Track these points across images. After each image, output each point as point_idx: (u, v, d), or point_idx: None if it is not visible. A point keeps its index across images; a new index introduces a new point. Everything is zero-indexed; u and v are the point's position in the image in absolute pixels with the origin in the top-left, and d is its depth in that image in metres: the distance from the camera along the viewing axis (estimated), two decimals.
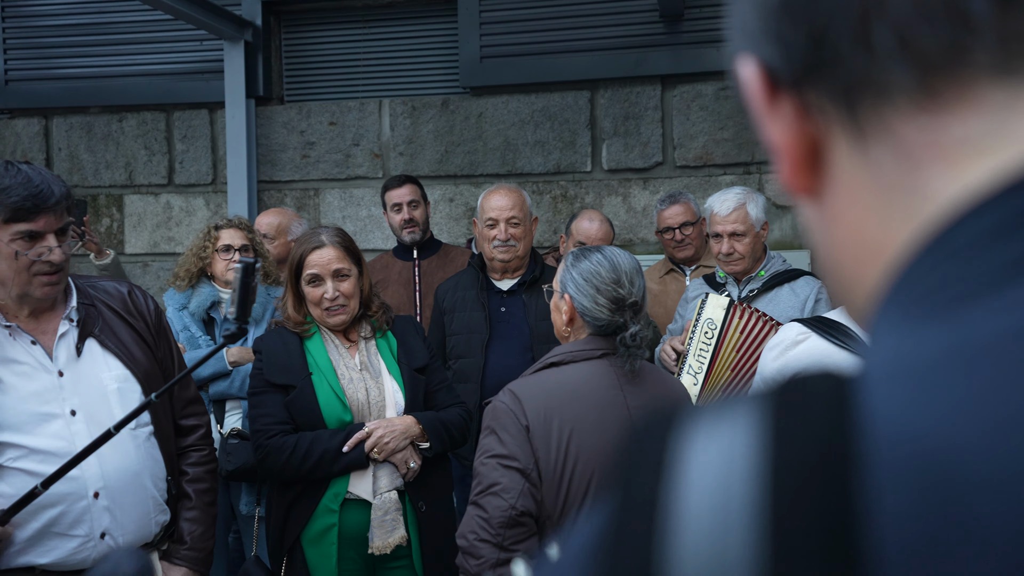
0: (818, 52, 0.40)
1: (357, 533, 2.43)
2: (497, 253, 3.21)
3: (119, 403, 2.11)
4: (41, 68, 5.57)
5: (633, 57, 4.81)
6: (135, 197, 5.50)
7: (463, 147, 5.08)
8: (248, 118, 5.15)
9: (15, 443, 1.99)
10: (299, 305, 2.58)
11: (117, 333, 2.19)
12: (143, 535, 2.15)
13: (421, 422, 2.53)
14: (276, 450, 2.40)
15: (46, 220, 1.98)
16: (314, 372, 2.50)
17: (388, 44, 5.28)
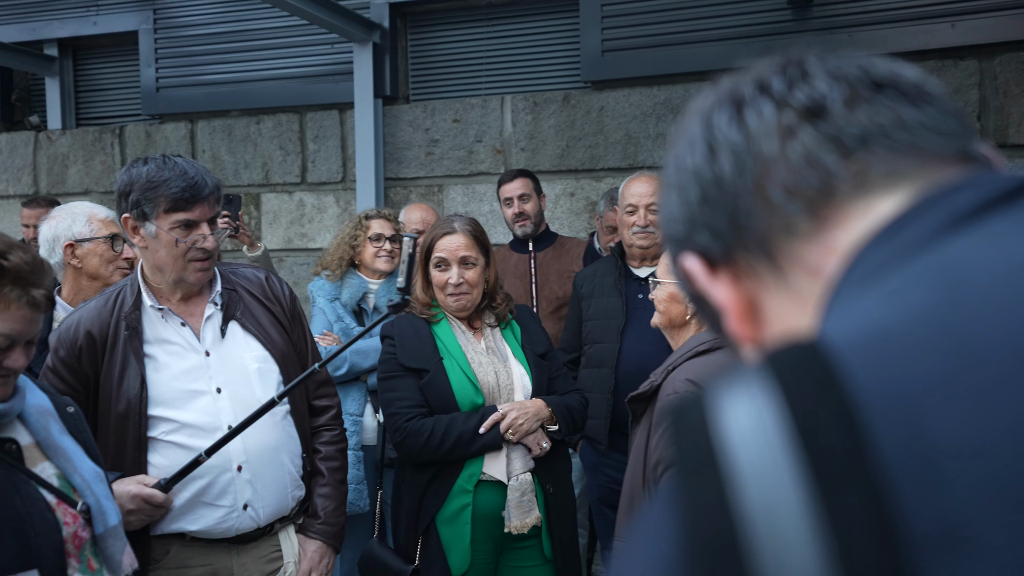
0: (736, 221, 0.58)
1: (490, 513, 2.49)
2: (636, 239, 3.20)
3: (260, 382, 2.24)
4: (188, 75, 5.94)
5: (759, 46, 4.69)
6: (271, 195, 5.79)
7: (584, 141, 5.09)
8: (376, 117, 5.33)
9: (168, 417, 2.13)
10: (427, 287, 2.66)
11: (256, 317, 2.31)
12: (281, 508, 2.26)
13: (550, 405, 2.57)
14: (414, 433, 2.47)
15: (201, 210, 2.12)
16: (445, 356, 2.57)
17: (510, 41, 5.36)
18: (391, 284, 3.55)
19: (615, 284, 3.23)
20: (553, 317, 3.80)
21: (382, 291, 3.55)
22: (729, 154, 0.59)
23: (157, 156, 2.15)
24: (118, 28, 6.10)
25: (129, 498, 2.03)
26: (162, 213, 2.09)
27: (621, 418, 3.11)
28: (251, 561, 2.22)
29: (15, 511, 1.54)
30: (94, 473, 1.72)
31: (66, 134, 6.26)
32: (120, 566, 1.72)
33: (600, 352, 3.19)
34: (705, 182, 0.60)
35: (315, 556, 2.31)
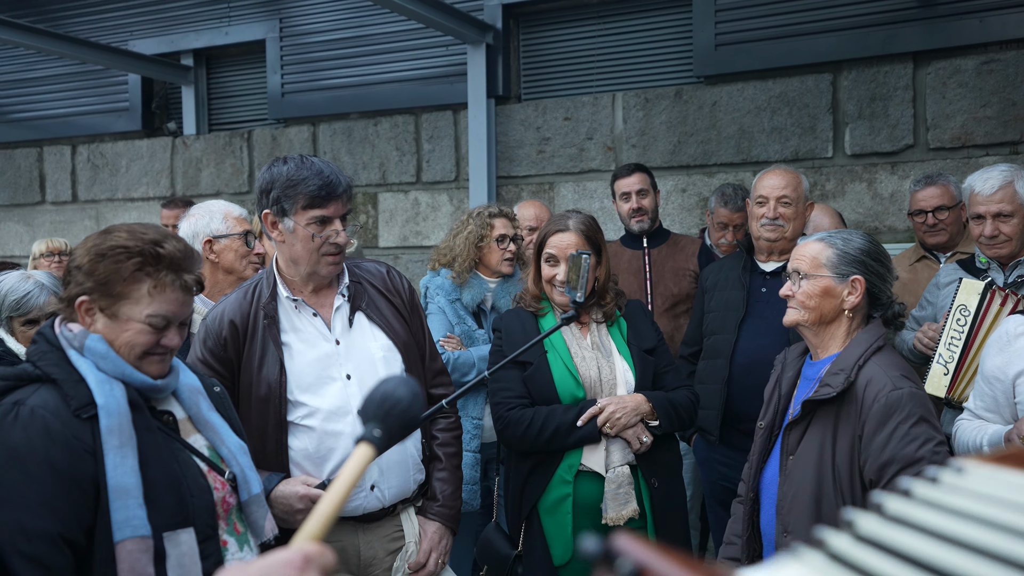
0: None
1: (590, 504, 2.52)
2: (764, 232, 3.16)
3: (385, 369, 2.34)
4: (310, 80, 6.22)
5: (880, 35, 4.54)
6: (387, 195, 5.99)
7: (696, 137, 5.04)
8: (488, 117, 5.44)
9: (303, 402, 2.27)
10: (537, 280, 2.72)
11: (380, 308, 2.42)
12: (404, 490, 2.36)
13: (651, 400, 2.58)
14: (515, 422, 2.54)
15: (335, 207, 2.26)
16: (549, 350, 2.62)
17: (621, 38, 5.37)
18: (508, 285, 3.53)
19: (739, 277, 3.21)
20: (668, 315, 3.79)
21: (500, 292, 3.52)
22: None
23: (296, 156, 2.29)
24: (247, 37, 6.45)
25: (298, 498, 2.17)
26: (300, 209, 2.23)
27: (733, 411, 3.08)
28: (376, 539, 2.34)
29: (174, 474, 1.70)
30: (239, 446, 1.88)
31: (200, 139, 6.65)
32: (263, 530, 1.87)
33: (717, 343, 3.17)
34: None
35: (435, 537, 2.40)
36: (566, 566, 2.54)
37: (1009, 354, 2.21)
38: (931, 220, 3.48)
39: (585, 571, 2.55)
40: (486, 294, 3.50)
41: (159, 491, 1.64)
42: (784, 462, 2.20)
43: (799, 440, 2.17)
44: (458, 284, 3.45)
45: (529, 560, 2.56)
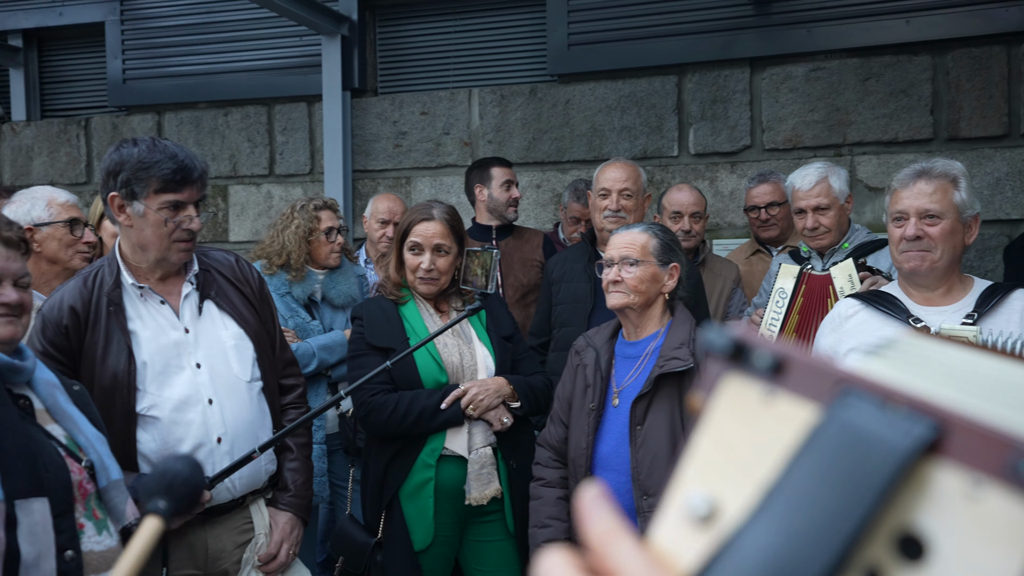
0: None
1: (452, 487, 2.55)
2: (607, 223, 3.25)
3: (237, 359, 2.30)
4: (155, 67, 5.93)
5: (721, 40, 4.79)
6: (239, 188, 5.79)
7: (551, 134, 5.16)
8: (344, 110, 5.36)
9: (152, 391, 2.18)
10: (399, 268, 2.72)
11: (229, 296, 2.37)
12: (255, 481, 2.32)
13: (512, 382, 2.65)
14: (379, 407, 2.53)
15: (189, 192, 2.20)
16: (411, 337, 2.63)
17: (478, 35, 5.42)
18: (336, 275, 3.55)
19: (584, 269, 3.30)
20: (519, 305, 3.86)
21: (329, 283, 3.53)
22: None
23: (147, 138, 2.21)
24: (84, 19, 6.08)
25: None
26: (152, 193, 2.16)
27: None
28: (225, 532, 2.28)
29: (28, 446, 1.66)
30: (96, 436, 1.84)
31: (31, 126, 6.22)
32: (124, 515, 1.83)
33: (567, 335, 3.24)
34: None
35: (286, 527, 2.37)
36: (427, 551, 2.56)
37: (840, 334, 2.35)
38: (764, 216, 3.72)
39: (444, 555, 2.58)
40: (315, 286, 3.50)
41: (11, 459, 1.61)
42: (634, 433, 2.33)
43: (646, 411, 2.33)
44: (296, 281, 3.42)
45: (389, 547, 2.56)
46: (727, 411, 0.44)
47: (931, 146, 4.52)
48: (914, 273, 2.27)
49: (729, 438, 0.44)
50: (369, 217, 4.21)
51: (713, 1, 4.80)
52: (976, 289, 2.28)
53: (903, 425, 0.38)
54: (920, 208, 2.23)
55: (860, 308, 2.34)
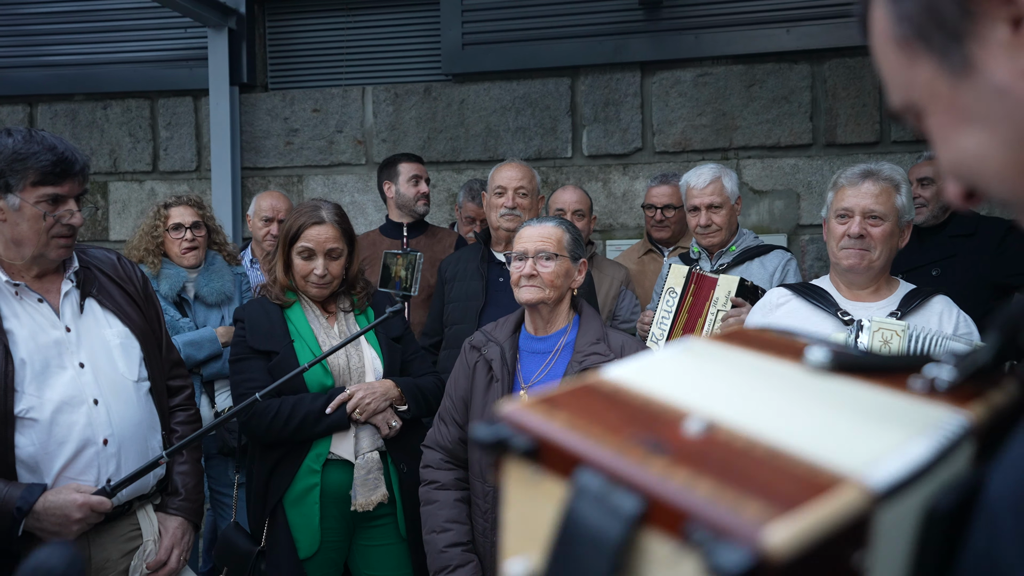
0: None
1: (338, 492, 2.50)
2: (503, 222, 3.29)
3: (122, 358, 2.21)
4: (26, 56, 5.59)
5: (613, 44, 4.87)
6: (120, 184, 5.53)
7: (445, 133, 5.13)
8: (232, 105, 5.19)
9: (31, 394, 2.06)
10: (287, 271, 2.64)
11: (112, 295, 2.28)
12: (142, 485, 2.22)
13: (399, 385, 2.61)
14: (261, 412, 2.46)
15: (70, 185, 2.08)
16: (296, 339, 2.56)
17: (371, 32, 5.34)
18: (209, 273, 3.49)
19: (478, 268, 3.30)
20: (425, 305, 3.81)
21: (202, 280, 3.47)
22: None
23: (22, 128, 2.10)
24: None
25: (76, 507, 2.01)
26: (29, 186, 2.04)
27: None
28: (109, 541, 2.18)
29: None
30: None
31: None
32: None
33: (458, 333, 3.24)
34: None
35: (177, 532, 2.28)
36: (313, 558, 2.50)
37: (769, 320, 2.39)
38: (659, 216, 3.81)
39: (332, 560, 2.52)
40: (185, 283, 3.44)
41: None
42: None
43: None
44: (153, 275, 3.38)
45: (273, 555, 2.49)
46: (515, 488, 0.51)
47: (810, 151, 4.72)
48: (851, 270, 2.32)
49: (523, 511, 0.51)
50: (252, 215, 4.10)
51: (605, 5, 4.88)
52: (901, 290, 2.35)
53: (617, 506, 0.46)
54: (865, 208, 2.28)
55: (791, 297, 2.39)
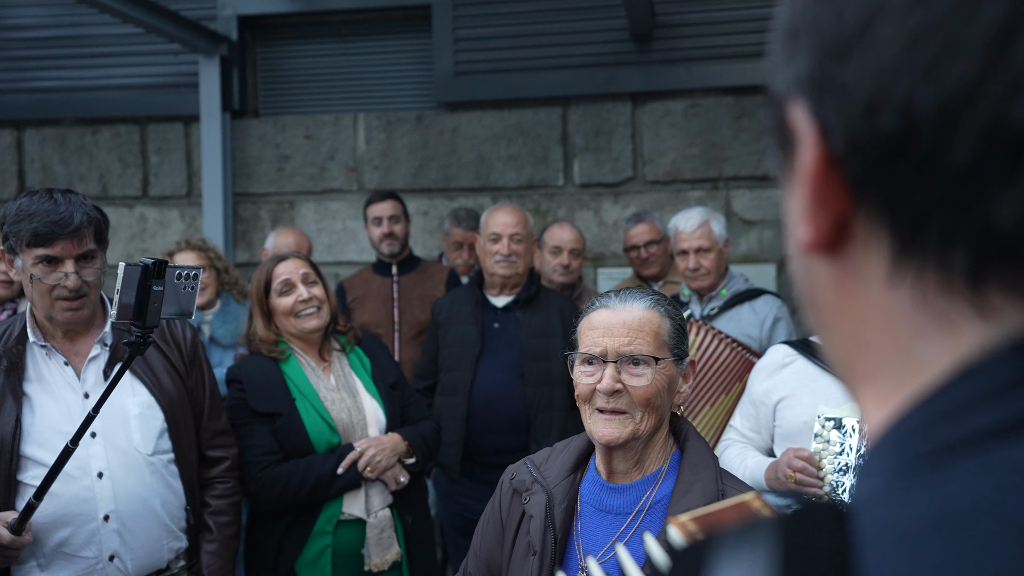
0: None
1: (350, 552, 2.50)
2: (498, 268, 3.28)
3: (139, 429, 2.16)
4: (14, 80, 5.56)
5: (604, 75, 4.91)
6: (109, 209, 5.50)
7: (437, 161, 5.15)
8: (223, 131, 5.18)
9: (37, 459, 2.05)
10: (268, 324, 2.61)
11: (148, 360, 2.22)
12: (155, 561, 2.18)
13: (406, 438, 2.60)
14: (271, 482, 2.43)
15: (63, 246, 2.03)
16: (297, 397, 2.54)
17: (363, 59, 5.35)
18: (225, 313, 3.52)
19: (472, 312, 3.30)
20: (415, 342, 3.83)
21: (217, 322, 3.53)
22: None
23: (42, 189, 2.08)
24: None
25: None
26: (25, 247, 2.03)
27: (473, 446, 3.18)
28: None
29: None
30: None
31: None
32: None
33: (454, 380, 3.25)
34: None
35: None
36: None
37: (775, 381, 2.33)
38: (644, 254, 3.84)
39: None
40: (200, 326, 3.49)
41: None
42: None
43: None
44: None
45: None
46: None
47: None
48: None
49: None
50: (271, 250, 4.11)
51: (597, 36, 4.91)
52: None
53: None
54: None
55: (796, 356, 2.32)
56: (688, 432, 1.58)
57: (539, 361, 3.17)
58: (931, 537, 0.33)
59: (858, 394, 0.44)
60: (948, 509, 0.34)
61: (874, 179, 0.38)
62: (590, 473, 1.58)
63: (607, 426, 1.47)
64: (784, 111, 0.42)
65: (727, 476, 1.52)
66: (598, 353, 1.49)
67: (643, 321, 1.50)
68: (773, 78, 0.43)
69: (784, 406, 2.28)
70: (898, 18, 0.36)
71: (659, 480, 1.53)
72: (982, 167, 0.35)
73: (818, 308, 0.45)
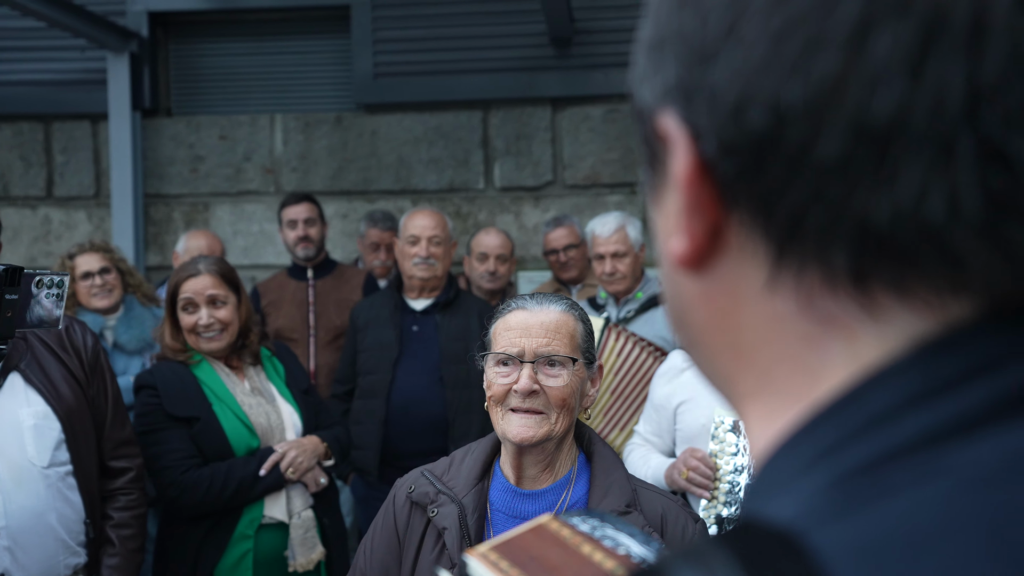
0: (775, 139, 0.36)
1: (272, 555, 2.48)
2: (417, 271, 3.26)
3: (34, 440, 2.07)
4: None
5: (524, 79, 4.94)
6: (11, 210, 5.27)
7: (357, 164, 5.10)
8: (133, 130, 5.02)
9: None
10: (176, 333, 2.57)
11: (45, 368, 2.13)
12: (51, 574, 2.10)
13: (325, 440, 2.63)
14: (192, 486, 2.39)
15: None
16: (215, 402, 2.51)
17: (281, 59, 5.25)
18: (129, 318, 3.41)
19: (391, 316, 3.29)
20: (331, 347, 3.79)
21: (121, 327, 3.40)
22: None
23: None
24: None
25: None
26: None
27: (391, 450, 3.16)
28: None
29: None
30: None
31: None
32: None
33: (372, 383, 3.23)
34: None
35: None
36: None
37: (675, 385, 2.38)
38: (563, 258, 3.89)
39: None
40: (103, 330, 3.36)
41: None
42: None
43: None
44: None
45: None
46: None
47: None
48: None
49: None
50: (183, 253, 3.98)
51: (517, 41, 4.94)
52: None
53: None
54: None
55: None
56: (591, 436, 1.60)
57: (458, 364, 3.17)
58: (907, 554, 0.32)
59: (742, 411, 0.43)
60: (912, 523, 0.32)
61: (746, 180, 0.37)
62: (497, 479, 1.56)
63: (522, 425, 1.46)
64: (653, 122, 0.41)
65: (633, 477, 1.54)
66: (515, 353, 1.49)
67: (560, 323, 1.51)
68: (640, 91, 0.43)
69: (684, 410, 2.34)
70: (762, 18, 0.36)
71: (571, 484, 1.53)
72: (851, 161, 0.34)
73: (691, 327, 0.44)
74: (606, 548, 0.63)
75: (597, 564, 0.61)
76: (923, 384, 0.35)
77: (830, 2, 0.34)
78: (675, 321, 0.46)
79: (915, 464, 0.33)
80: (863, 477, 0.34)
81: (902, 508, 0.33)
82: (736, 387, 0.42)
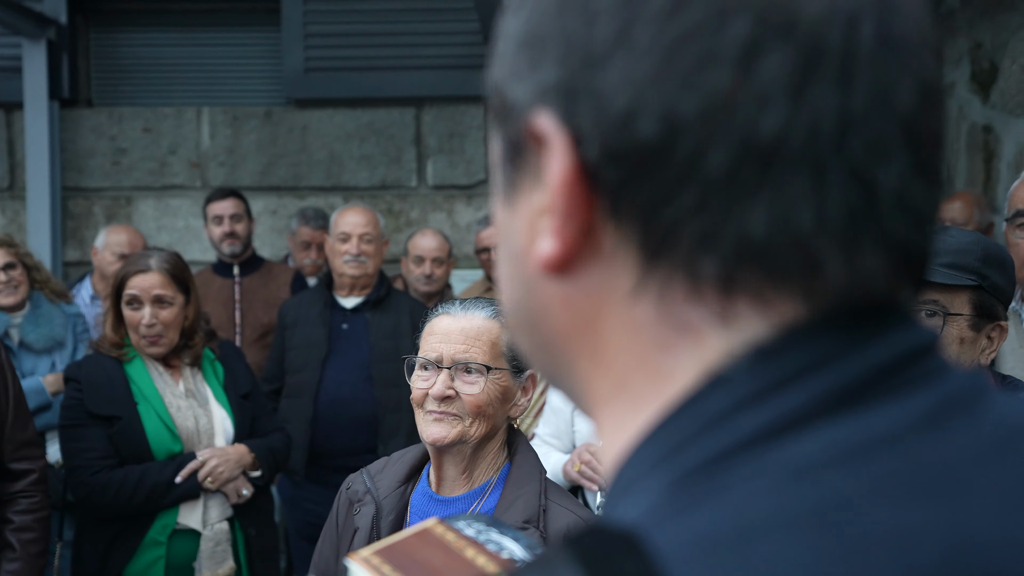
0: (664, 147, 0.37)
1: (184, 563, 2.39)
2: (347, 268, 3.23)
3: None
4: None
5: (457, 77, 4.93)
6: None
7: (287, 159, 5.01)
8: (51, 120, 4.84)
9: None
10: (118, 326, 2.48)
11: None
12: None
13: (253, 450, 2.52)
14: (101, 488, 2.31)
15: None
16: (140, 401, 2.42)
17: (208, 51, 5.13)
18: (37, 315, 3.25)
19: (320, 314, 3.24)
20: (257, 345, 3.71)
21: (28, 326, 3.23)
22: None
23: None
24: None
25: None
26: None
27: (319, 449, 3.12)
28: None
29: None
30: None
31: None
32: None
33: (300, 382, 3.18)
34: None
35: None
36: None
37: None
38: (494, 256, 3.89)
39: None
40: (8, 329, 3.19)
41: None
42: None
43: None
44: None
45: None
46: None
47: None
48: None
49: None
50: (102, 248, 3.82)
51: (450, 39, 4.92)
52: None
53: None
54: None
55: None
56: (519, 445, 1.57)
57: (388, 362, 3.14)
58: (737, 547, 0.33)
59: (597, 417, 0.43)
60: (741, 517, 0.34)
61: (630, 187, 0.37)
62: (421, 484, 1.57)
63: (435, 425, 1.48)
64: (524, 121, 0.40)
65: (553, 490, 1.52)
66: (433, 359, 1.50)
67: (481, 330, 1.51)
68: (510, 88, 0.42)
69: (580, 413, 2.37)
70: (654, 28, 0.36)
71: (486, 493, 1.52)
72: (737, 175, 0.36)
73: (545, 331, 0.43)
74: (489, 552, 0.63)
75: (480, 568, 0.61)
76: (757, 384, 0.36)
77: (720, 19, 0.35)
78: (523, 324, 0.45)
79: (746, 461, 0.35)
80: (700, 476, 0.35)
81: (732, 503, 0.34)
82: (594, 394, 0.42)
